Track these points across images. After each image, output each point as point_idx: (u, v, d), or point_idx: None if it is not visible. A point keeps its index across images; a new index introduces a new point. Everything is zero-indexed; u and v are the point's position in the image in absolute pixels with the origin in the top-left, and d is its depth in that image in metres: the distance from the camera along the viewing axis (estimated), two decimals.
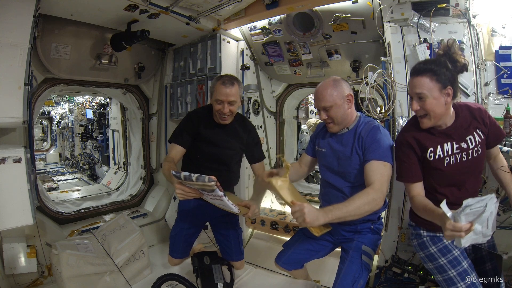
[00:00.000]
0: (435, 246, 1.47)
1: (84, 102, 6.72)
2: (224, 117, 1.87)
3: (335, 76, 1.62)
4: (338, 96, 1.54)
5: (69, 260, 2.10)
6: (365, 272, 1.62)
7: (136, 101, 3.59)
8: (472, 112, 1.42)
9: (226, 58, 2.89)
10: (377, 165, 1.45)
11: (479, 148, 1.40)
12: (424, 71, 1.33)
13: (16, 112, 1.85)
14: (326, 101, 1.55)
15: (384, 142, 1.50)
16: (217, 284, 2.01)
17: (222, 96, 1.81)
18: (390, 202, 2.19)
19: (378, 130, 1.54)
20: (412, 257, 2.09)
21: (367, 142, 1.52)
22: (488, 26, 2.00)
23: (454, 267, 1.40)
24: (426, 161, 1.42)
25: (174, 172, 1.47)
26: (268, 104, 3.49)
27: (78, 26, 2.69)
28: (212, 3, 2.44)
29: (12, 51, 1.83)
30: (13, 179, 1.84)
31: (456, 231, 1.07)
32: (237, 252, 2.19)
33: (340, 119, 1.59)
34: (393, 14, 2.13)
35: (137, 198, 3.61)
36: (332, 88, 1.55)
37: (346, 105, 1.57)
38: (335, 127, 1.62)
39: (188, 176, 1.41)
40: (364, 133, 1.55)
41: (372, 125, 1.57)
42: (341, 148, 1.62)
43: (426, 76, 1.32)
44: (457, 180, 1.42)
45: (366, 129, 1.56)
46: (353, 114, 1.63)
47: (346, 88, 1.58)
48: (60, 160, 9.34)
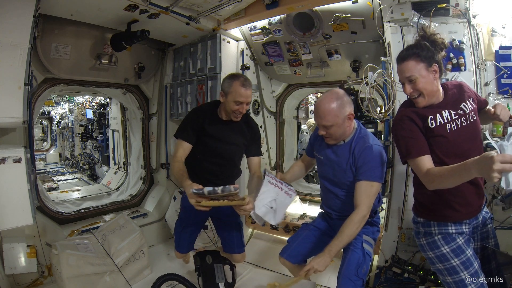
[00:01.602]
0: (448, 246, 1.42)
1: (84, 102, 6.72)
2: (238, 116, 1.92)
3: (338, 91, 1.62)
4: (340, 116, 1.57)
5: (69, 260, 2.11)
6: (368, 259, 1.70)
7: (136, 101, 3.59)
8: (458, 86, 1.52)
9: (226, 58, 2.89)
10: (365, 186, 1.57)
11: (474, 114, 1.45)
12: (408, 56, 1.41)
13: (16, 112, 1.85)
14: (327, 121, 1.58)
15: (375, 161, 1.58)
16: (218, 284, 2.01)
17: (243, 98, 1.84)
18: (390, 202, 2.19)
19: (371, 150, 1.59)
20: (412, 257, 2.09)
21: (359, 162, 1.60)
22: (488, 26, 2.00)
23: (467, 269, 1.38)
24: (428, 131, 1.41)
25: (195, 190, 1.53)
26: (268, 104, 3.49)
27: (78, 26, 2.69)
28: (212, 3, 2.44)
29: (12, 51, 1.83)
30: (13, 179, 1.84)
31: (507, 162, 0.95)
32: (239, 244, 2.22)
33: (338, 136, 1.65)
34: (393, 14, 2.13)
35: (137, 198, 3.61)
36: (334, 107, 1.56)
37: (346, 123, 1.60)
38: (332, 141, 1.69)
39: (212, 190, 1.51)
40: (358, 152, 1.61)
41: (365, 145, 1.61)
42: (336, 160, 1.68)
43: (411, 59, 1.40)
44: (462, 149, 1.40)
45: (360, 148, 1.61)
46: (350, 128, 1.66)
47: (348, 107, 1.59)
48: (60, 160, 9.35)
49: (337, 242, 1.54)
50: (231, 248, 2.22)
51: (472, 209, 1.46)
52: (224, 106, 1.92)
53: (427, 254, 1.51)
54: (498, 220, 1.83)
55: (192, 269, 2.25)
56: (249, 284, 2.34)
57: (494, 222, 1.79)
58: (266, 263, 2.75)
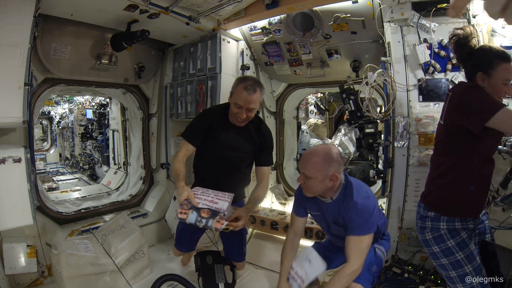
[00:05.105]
0: (453, 239, 1.46)
1: (84, 102, 6.72)
2: (240, 121, 1.85)
3: (332, 149, 1.59)
4: (321, 172, 1.53)
5: (69, 260, 2.11)
6: (379, 260, 1.72)
7: (136, 101, 3.59)
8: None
9: (226, 58, 2.89)
10: (355, 241, 1.55)
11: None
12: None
13: (16, 112, 1.85)
14: (308, 171, 1.55)
15: (362, 217, 1.54)
16: (218, 284, 2.01)
17: (242, 102, 1.78)
18: (390, 202, 2.19)
19: (355, 207, 1.54)
20: (412, 257, 2.09)
21: (347, 220, 1.58)
22: (488, 26, 2.00)
23: (471, 262, 1.42)
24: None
25: (179, 218, 1.60)
26: (268, 104, 3.49)
27: (78, 26, 2.69)
28: (212, 3, 2.44)
29: (12, 51, 1.83)
30: (13, 179, 1.84)
31: None
32: (239, 253, 2.18)
33: (315, 191, 1.60)
34: (393, 14, 2.13)
35: (137, 198, 3.61)
36: (319, 161, 1.53)
37: (327, 182, 1.55)
38: (309, 194, 1.64)
39: (194, 223, 1.58)
40: (343, 211, 1.59)
41: (351, 202, 1.56)
42: (330, 217, 1.68)
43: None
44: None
45: (345, 206, 1.58)
46: (334, 187, 1.60)
47: (335, 167, 1.54)
48: (60, 160, 9.36)
49: None
50: (230, 255, 2.19)
51: (480, 207, 1.52)
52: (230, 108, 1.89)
53: (432, 249, 1.53)
54: (498, 220, 1.83)
55: (193, 269, 2.25)
56: (249, 284, 2.34)
57: (494, 223, 1.81)
58: (266, 263, 2.74)
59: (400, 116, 2.09)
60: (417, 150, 2.06)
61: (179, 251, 2.24)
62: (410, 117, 2.07)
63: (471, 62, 1.49)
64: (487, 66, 1.41)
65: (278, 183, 3.67)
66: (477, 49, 1.48)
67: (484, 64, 1.42)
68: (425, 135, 2.03)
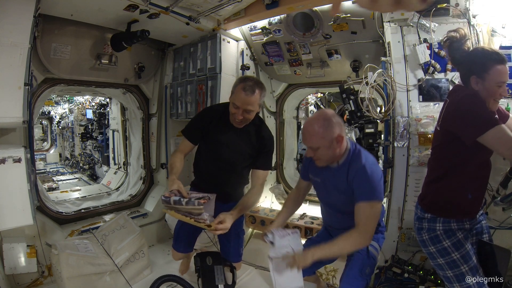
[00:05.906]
0: (449, 240, 1.47)
1: (84, 102, 6.72)
2: (237, 122, 1.83)
3: (326, 112, 1.53)
4: (326, 138, 1.48)
5: (69, 260, 2.11)
6: (372, 261, 1.69)
7: (136, 101, 3.59)
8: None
9: (226, 58, 2.89)
10: (364, 207, 1.49)
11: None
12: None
13: (16, 112, 1.85)
14: (313, 143, 1.51)
15: (371, 181, 1.49)
16: (217, 286, 2.01)
17: (239, 102, 1.75)
18: (390, 202, 2.19)
19: (364, 170, 1.50)
20: (412, 257, 2.09)
21: (355, 184, 1.52)
22: (488, 26, 2.00)
23: (466, 262, 1.42)
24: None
25: (164, 198, 1.60)
26: (268, 104, 3.49)
27: (78, 26, 2.69)
28: (212, 3, 2.44)
29: (12, 51, 1.83)
30: (13, 179, 1.84)
31: None
32: (235, 254, 2.16)
33: (327, 158, 1.56)
34: (393, 14, 2.13)
35: (137, 198, 3.61)
36: (320, 128, 1.48)
37: (335, 145, 1.51)
38: (322, 163, 1.60)
39: (178, 201, 1.58)
40: (351, 174, 1.53)
41: (358, 165, 1.53)
42: (334, 182, 1.62)
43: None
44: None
45: (353, 170, 1.53)
46: (342, 150, 1.56)
47: (337, 128, 1.49)
48: (60, 160, 9.35)
49: (326, 249, 1.49)
50: (227, 256, 2.17)
51: (477, 209, 1.53)
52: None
53: (429, 249, 1.54)
54: (498, 220, 1.84)
55: (192, 270, 2.24)
56: (249, 285, 2.34)
57: (494, 222, 1.81)
58: (266, 263, 2.74)
59: (400, 116, 2.09)
60: (417, 150, 2.06)
61: (177, 251, 2.19)
62: (410, 117, 2.07)
63: (464, 66, 1.47)
64: (480, 70, 1.39)
65: (278, 183, 3.67)
66: (470, 53, 1.46)
67: (477, 68, 1.40)
68: (425, 135, 2.03)
